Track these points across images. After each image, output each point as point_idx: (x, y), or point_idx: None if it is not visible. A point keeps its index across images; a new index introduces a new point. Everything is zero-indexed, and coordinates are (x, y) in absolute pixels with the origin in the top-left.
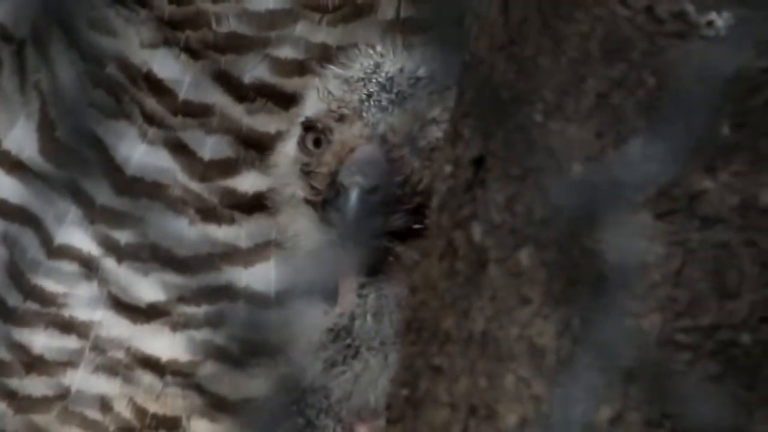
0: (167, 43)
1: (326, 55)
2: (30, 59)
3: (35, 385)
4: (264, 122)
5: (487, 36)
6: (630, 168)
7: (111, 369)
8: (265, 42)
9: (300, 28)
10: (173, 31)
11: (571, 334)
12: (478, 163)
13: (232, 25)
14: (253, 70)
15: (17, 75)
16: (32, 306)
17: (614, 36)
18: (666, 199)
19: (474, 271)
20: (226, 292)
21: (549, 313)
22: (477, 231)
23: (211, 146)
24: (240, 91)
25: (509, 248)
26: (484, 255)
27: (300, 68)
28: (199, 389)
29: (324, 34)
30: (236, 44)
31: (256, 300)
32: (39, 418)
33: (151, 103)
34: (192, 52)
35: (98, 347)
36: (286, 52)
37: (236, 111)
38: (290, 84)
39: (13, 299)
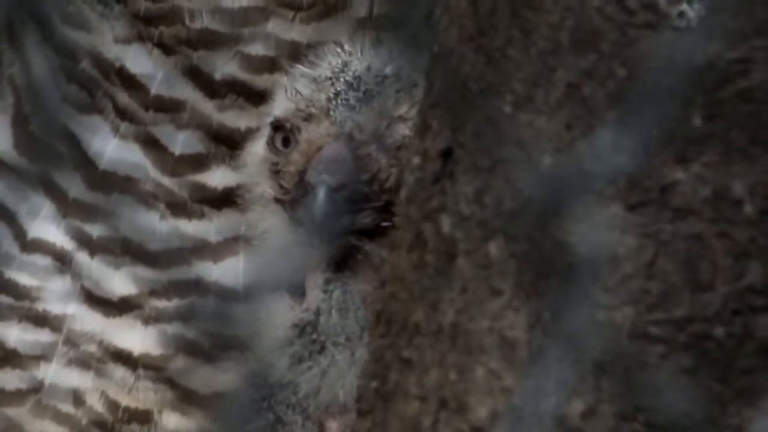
0: (140, 38)
1: (296, 52)
2: (4, 54)
3: (8, 379)
4: (234, 119)
5: (456, 27)
6: (600, 159)
7: (84, 362)
8: (237, 39)
9: (272, 26)
10: (147, 27)
11: (542, 326)
12: (447, 154)
13: (205, 22)
14: (224, 67)
15: None
16: (6, 299)
17: (584, 27)
18: (637, 191)
19: (443, 263)
20: (196, 287)
21: (519, 305)
22: (446, 223)
23: (182, 141)
24: (211, 87)
25: (478, 240)
26: (454, 247)
27: (270, 65)
28: (171, 383)
29: (296, 32)
30: (209, 40)
31: (225, 294)
32: (12, 412)
33: (124, 98)
34: (165, 48)
35: (71, 341)
36: (257, 49)
37: (207, 107)
38: (260, 81)
39: None
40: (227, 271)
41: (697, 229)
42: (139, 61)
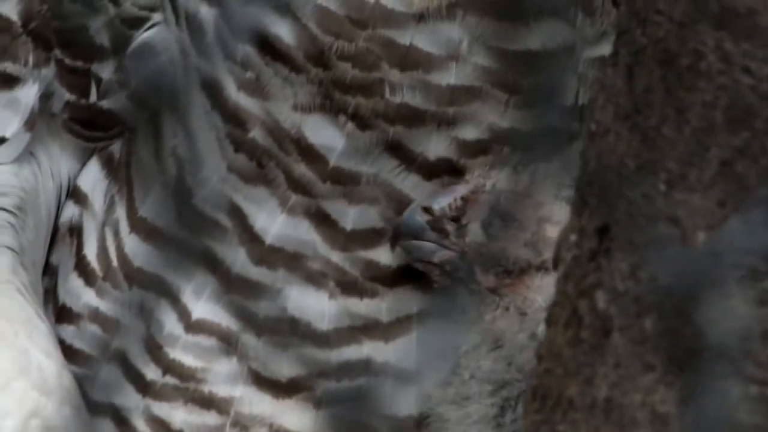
0: (324, 107)
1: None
2: (166, 124)
3: None
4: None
5: (612, 105)
6: (752, 235)
7: None
8: (439, 118)
9: (480, 107)
10: (343, 95)
11: (694, 401)
12: (603, 231)
13: (406, 97)
14: (429, 146)
15: (152, 141)
16: (171, 380)
17: (738, 105)
18: None
19: (598, 339)
20: (366, 368)
21: (672, 380)
22: (601, 299)
23: (353, 216)
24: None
25: (633, 316)
26: (609, 323)
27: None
28: None
29: (507, 118)
30: (407, 116)
31: (397, 376)
32: None
33: (299, 169)
34: (360, 120)
35: (239, 424)
36: (466, 133)
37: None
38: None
39: (152, 373)
40: (399, 352)
41: None
42: (319, 130)
